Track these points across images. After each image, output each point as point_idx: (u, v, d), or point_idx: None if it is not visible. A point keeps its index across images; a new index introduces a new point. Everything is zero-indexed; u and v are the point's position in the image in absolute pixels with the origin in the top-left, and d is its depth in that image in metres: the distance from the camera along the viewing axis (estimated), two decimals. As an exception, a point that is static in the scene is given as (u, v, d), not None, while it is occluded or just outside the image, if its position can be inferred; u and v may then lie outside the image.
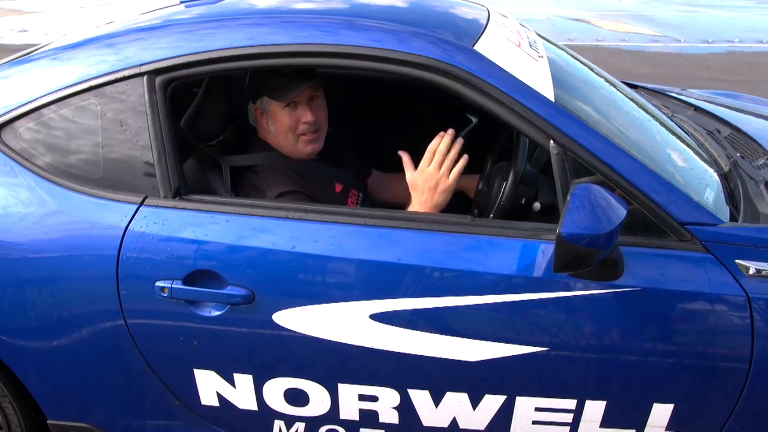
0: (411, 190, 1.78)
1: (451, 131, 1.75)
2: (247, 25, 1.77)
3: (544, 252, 1.57)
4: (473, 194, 2.11)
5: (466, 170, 1.76)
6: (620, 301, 1.56)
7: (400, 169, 1.81)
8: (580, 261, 1.43)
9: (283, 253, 1.61)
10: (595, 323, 1.58)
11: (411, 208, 1.78)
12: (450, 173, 1.74)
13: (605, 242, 1.41)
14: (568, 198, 1.44)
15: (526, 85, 1.63)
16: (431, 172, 1.74)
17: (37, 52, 1.99)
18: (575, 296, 1.56)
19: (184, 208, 1.66)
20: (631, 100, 2.22)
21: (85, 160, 1.71)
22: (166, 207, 1.66)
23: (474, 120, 2.61)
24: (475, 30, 1.83)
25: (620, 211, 1.43)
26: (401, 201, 1.96)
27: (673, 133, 2.13)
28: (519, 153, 1.79)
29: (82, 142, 1.71)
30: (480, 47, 1.70)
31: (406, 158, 1.79)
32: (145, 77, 1.68)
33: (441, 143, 1.73)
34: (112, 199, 1.68)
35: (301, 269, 1.61)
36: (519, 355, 1.59)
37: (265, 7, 2.01)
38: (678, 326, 1.58)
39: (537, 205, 1.79)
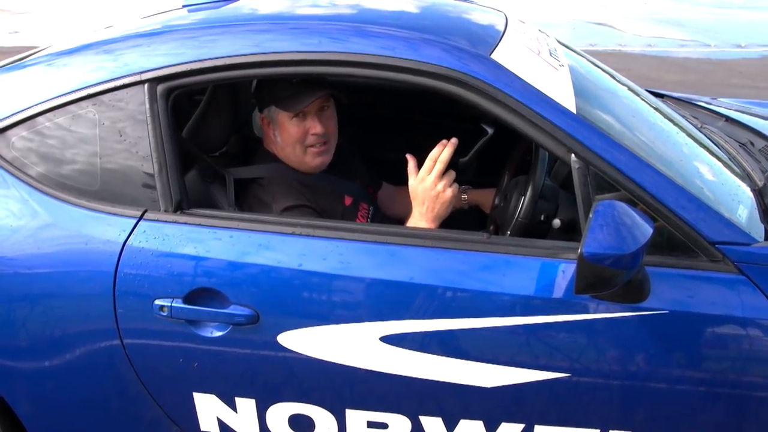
0: (412, 199, 1.75)
1: (454, 140, 1.71)
2: (253, 31, 1.75)
3: (565, 272, 1.53)
4: (489, 210, 2.08)
5: (482, 184, 1.72)
6: (646, 325, 1.51)
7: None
8: (603, 282, 1.39)
9: (289, 271, 1.57)
10: (619, 348, 1.53)
11: (412, 219, 1.76)
12: (451, 184, 1.72)
13: (630, 262, 1.37)
14: (591, 215, 1.40)
15: (546, 95, 1.59)
16: (432, 181, 1.70)
17: (31, 57, 1.98)
18: (598, 319, 1.51)
19: (185, 223, 1.63)
20: (657, 110, 2.18)
21: (81, 171, 1.68)
22: (166, 221, 1.63)
23: (490, 131, 2.59)
24: (492, 37, 1.80)
25: (646, 230, 1.39)
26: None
27: (703, 145, 2.08)
28: (538, 166, 1.76)
29: (78, 151, 1.68)
30: (497, 56, 1.66)
31: (412, 163, 1.75)
32: (145, 85, 1.65)
33: (443, 152, 1.70)
34: (110, 213, 1.65)
35: (307, 288, 1.57)
36: (538, 381, 1.54)
37: (271, 12, 1.98)
38: (708, 352, 1.52)
39: (557, 222, 1.76)
